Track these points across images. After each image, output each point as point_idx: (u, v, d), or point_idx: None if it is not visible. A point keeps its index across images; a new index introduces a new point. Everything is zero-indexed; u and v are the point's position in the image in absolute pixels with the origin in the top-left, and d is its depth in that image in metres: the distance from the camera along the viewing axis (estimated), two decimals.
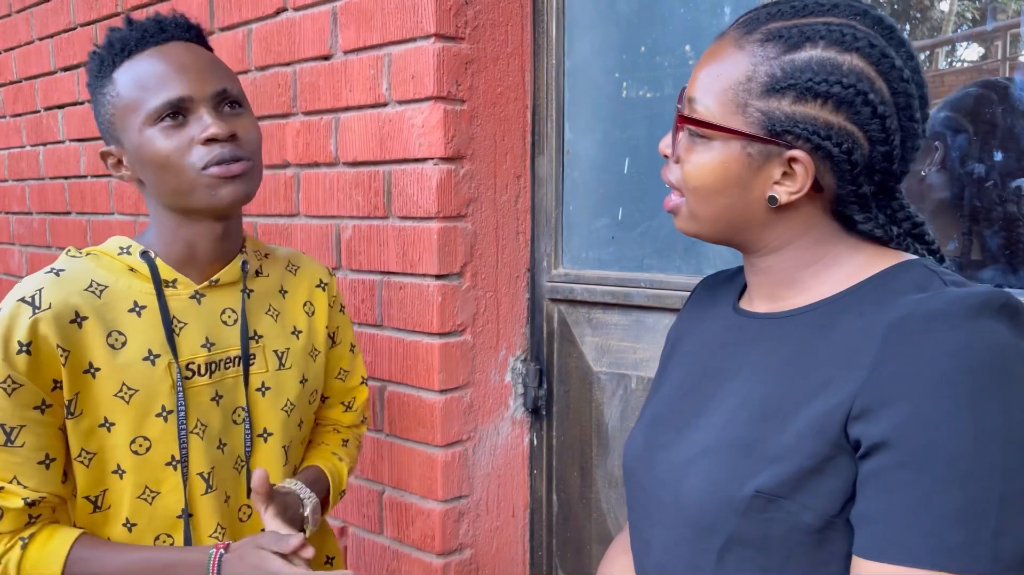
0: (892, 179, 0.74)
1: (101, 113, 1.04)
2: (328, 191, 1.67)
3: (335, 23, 1.60)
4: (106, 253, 1.05)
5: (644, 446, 0.85)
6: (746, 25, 0.75)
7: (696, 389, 0.83)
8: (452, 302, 1.52)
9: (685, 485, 0.76)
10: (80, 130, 2.41)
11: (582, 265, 1.63)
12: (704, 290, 0.97)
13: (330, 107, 1.64)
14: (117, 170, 1.06)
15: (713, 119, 0.74)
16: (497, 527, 1.66)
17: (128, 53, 1.01)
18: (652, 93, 1.56)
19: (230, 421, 1.10)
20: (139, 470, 1.02)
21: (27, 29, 2.61)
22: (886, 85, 0.70)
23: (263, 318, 1.15)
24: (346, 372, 1.31)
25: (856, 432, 0.65)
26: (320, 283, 1.24)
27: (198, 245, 1.07)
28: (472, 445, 1.59)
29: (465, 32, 1.49)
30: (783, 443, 0.69)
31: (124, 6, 2.15)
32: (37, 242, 2.72)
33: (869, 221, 0.75)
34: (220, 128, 0.99)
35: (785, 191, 0.73)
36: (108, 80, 1.02)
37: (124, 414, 1.00)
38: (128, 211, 2.26)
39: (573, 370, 1.63)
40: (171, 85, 0.99)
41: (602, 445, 1.59)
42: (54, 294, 0.97)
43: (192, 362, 1.05)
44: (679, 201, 0.80)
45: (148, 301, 1.04)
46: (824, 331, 0.72)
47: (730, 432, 0.74)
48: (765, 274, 0.80)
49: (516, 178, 1.62)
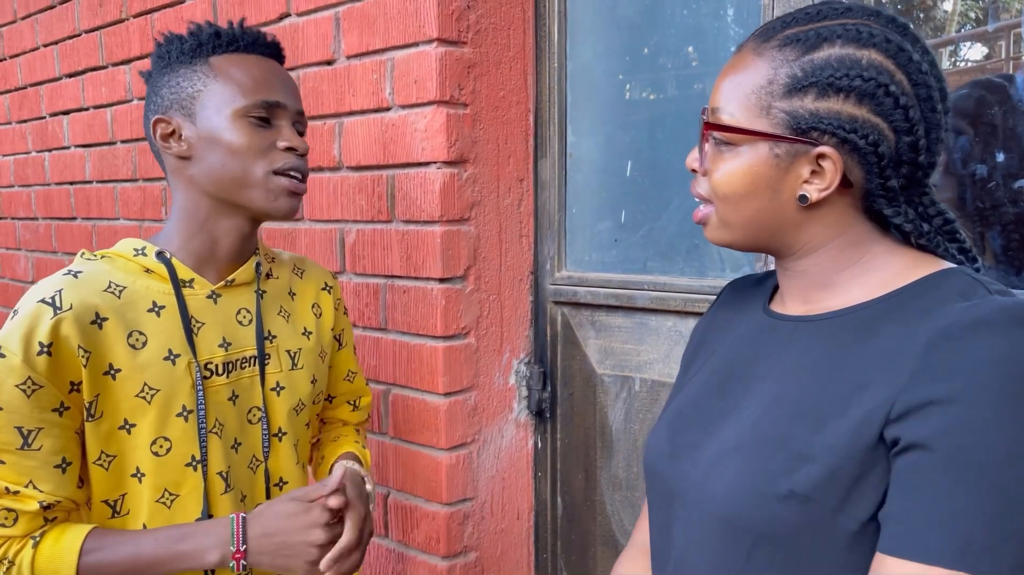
0: (919, 171, 0.74)
1: (180, 85, 1.06)
2: (332, 195, 1.68)
3: (338, 28, 1.61)
4: (120, 255, 1.06)
5: (669, 443, 0.84)
6: (763, 34, 0.76)
7: (724, 388, 0.83)
8: (456, 305, 1.52)
9: (715, 481, 0.75)
10: (86, 136, 2.42)
11: (585, 268, 1.63)
12: (732, 292, 0.96)
13: (333, 112, 1.64)
14: (166, 141, 1.07)
15: (738, 124, 0.75)
16: (502, 530, 1.66)
17: (234, 48, 1.08)
18: (655, 96, 1.56)
19: (245, 420, 1.11)
20: (159, 472, 1.02)
21: (32, 35, 2.62)
22: (906, 77, 0.71)
23: (276, 319, 1.17)
24: (354, 373, 1.35)
25: (894, 432, 0.65)
26: (326, 286, 1.27)
27: (221, 241, 1.09)
28: (476, 448, 1.59)
29: (467, 36, 1.49)
30: (818, 443, 0.68)
31: (129, 12, 2.16)
32: (43, 248, 2.73)
33: (899, 215, 0.75)
34: (301, 144, 1.08)
35: (815, 189, 0.73)
36: (202, 61, 1.06)
37: (145, 415, 1.01)
38: (133, 216, 2.27)
39: (577, 372, 1.64)
40: (272, 89, 1.07)
41: (606, 447, 1.60)
42: (74, 295, 0.97)
43: (210, 362, 1.07)
44: (708, 210, 0.80)
45: (167, 301, 1.05)
46: (863, 335, 0.72)
47: (762, 430, 0.74)
48: (800, 277, 0.80)
49: (519, 181, 1.63)
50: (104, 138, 2.35)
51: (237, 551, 0.99)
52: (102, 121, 2.35)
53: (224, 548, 0.99)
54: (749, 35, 0.78)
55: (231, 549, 0.99)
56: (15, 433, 0.94)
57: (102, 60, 2.31)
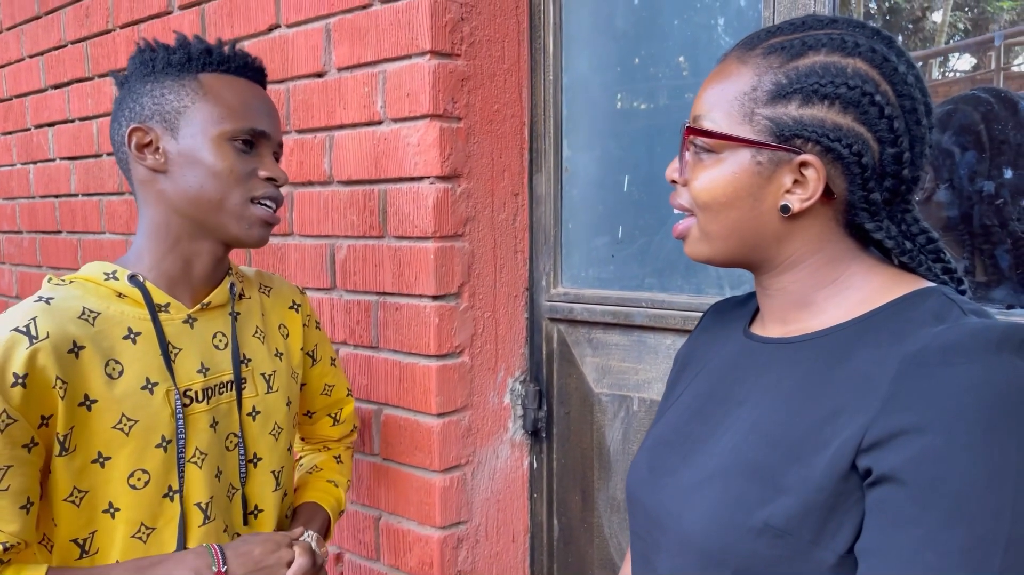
0: (903, 185, 0.73)
1: (165, 97, 1.03)
2: (322, 210, 1.64)
3: (328, 40, 1.58)
4: (90, 279, 1.02)
5: (648, 470, 0.83)
6: (747, 43, 0.76)
7: (703, 413, 0.81)
8: (450, 323, 1.49)
9: (691, 512, 0.73)
10: (71, 148, 2.38)
11: (582, 284, 1.60)
12: (714, 315, 0.95)
13: (324, 125, 1.61)
14: (141, 151, 1.03)
15: (720, 131, 0.73)
16: (497, 553, 1.62)
17: (224, 69, 1.06)
18: (652, 110, 1.53)
19: (223, 448, 1.07)
20: (135, 506, 0.98)
21: (17, 46, 2.58)
22: (891, 88, 0.70)
23: (251, 341, 1.14)
24: (331, 387, 1.33)
25: (866, 462, 0.63)
26: (293, 304, 1.25)
27: (194, 263, 1.06)
28: (471, 469, 1.55)
29: (461, 49, 1.46)
30: (793, 474, 0.67)
31: (115, 23, 2.12)
32: (27, 262, 2.68)
33: (880, 230, 0.73)
34: (282, 175, 1.07)
35: (797, 199, 0.72)
36: (190, 76, 1.04)
37: (122, 447, 0.96)
38: (119, 230, 2.23)
39: (573, 391, 1.60)
40: (260, 118, 1.07)
41: (603, 468, 1.56)
42: (50, 323, 0.92)
43: (189, 388, 1.03)
44: (688, 223, 0.79)
45: (142, 327, 1.01)
46: (837, 359, 0.70)
47: (738, 457, 0.72)
48: (778, 296, 0.78)
49: (514, 196, 1.60)
50: (90, 150, 2.30)
51: (219, 570, 0.97)
52: (88, 133, 2.31)
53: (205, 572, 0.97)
54: (733, 45, 0.78)
55: (213, 569, 0.97)
56: None
57: (88, 71, 2.27)
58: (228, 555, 0.99)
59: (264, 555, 1.01)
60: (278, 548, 1.03)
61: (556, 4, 1.57)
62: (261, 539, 1.04)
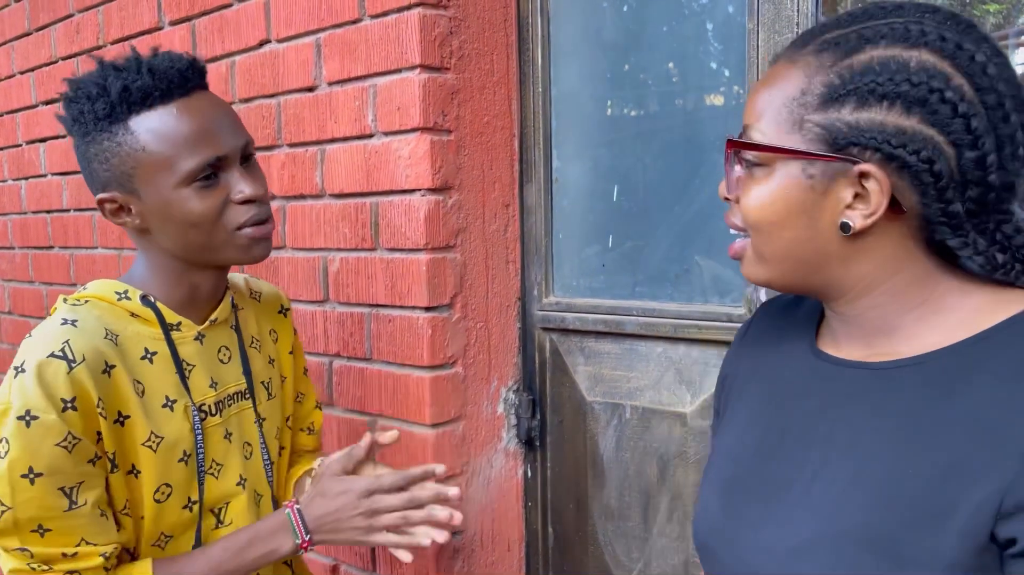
0: (991, 193, 0.62)
1: (110, 162, 0.97)
2: (315, 223, 1.65)
3: (319, 54, 1.59)
4: (103, 298, 1.02)
5: (724, 518, 0.73)
6: (800, 41, 0.67)
7: (779, 449, 0.72)
8: (442, 334, 1.50)
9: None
10: (62, 164, 2.38)
11: (573, 293, 1.61)
12: (765, 319, 0.84)
13: (315, 139, 1.62)
14: (118, 216, 1.01)
15: (767, 142, 0.65)
16: (492, 562, 1.62)
17: (150, 104, 0.95)
18: (640, 119, 1.55)
19: (242, 457, 1.11)
20: (157, 518, 1.01)
21: (8, 63, 2.58)
22: (967, 81, 0.60)
23: (249, 351, 1.16)
24: (303, 395, 1.34)
25: (1009, 531, 0.55)
26: (282, 309, 1.28)
27: (201, 288, 1.08)
28: (465, 479, 1.56)
29: (450, 62, 1.48)
30: (916, 544, 0.58)
31: (106, 39, 2.13)
32: (20, 277, 2.68)
33: (967, 247, 0.63)
34: (256, 189, 1.00)
35: (859, 215, 0.63)
36: (121, 127, 0.95)
37: (149, 462, 0.99)
38: (112, 245, 2.23)
39: (566, 400, 1.61)
40: (207, 145, 0.96)
41: (598, 476, 1.57)
42: (83, 345, 0.93)
43: (204, 403, 1.06)
44: (743, 243, 0.71)
45: (157, 347, 1.02)
46: (946, 394, 0.61)
47: (847, 519, 0.63)
48: (856, 322, 0.69)
49: (505, 207, 1.61)
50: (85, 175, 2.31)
51: (303, 541, 1.05)
52: None
53: (290, 541, 1.05)
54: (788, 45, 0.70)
55: (296, 541, 1.05)
56: (59, 496, 0.90)
57: None
58: (307, 520, 1.06)
59: (343, 507, 1.05)
60: (352, 486, 1.06)
61: (544, 16, 1.58)
62: (333, 492, 1.07)
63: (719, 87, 1.41)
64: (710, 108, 1.43)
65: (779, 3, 1.26)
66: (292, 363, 1.28)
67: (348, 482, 1.07)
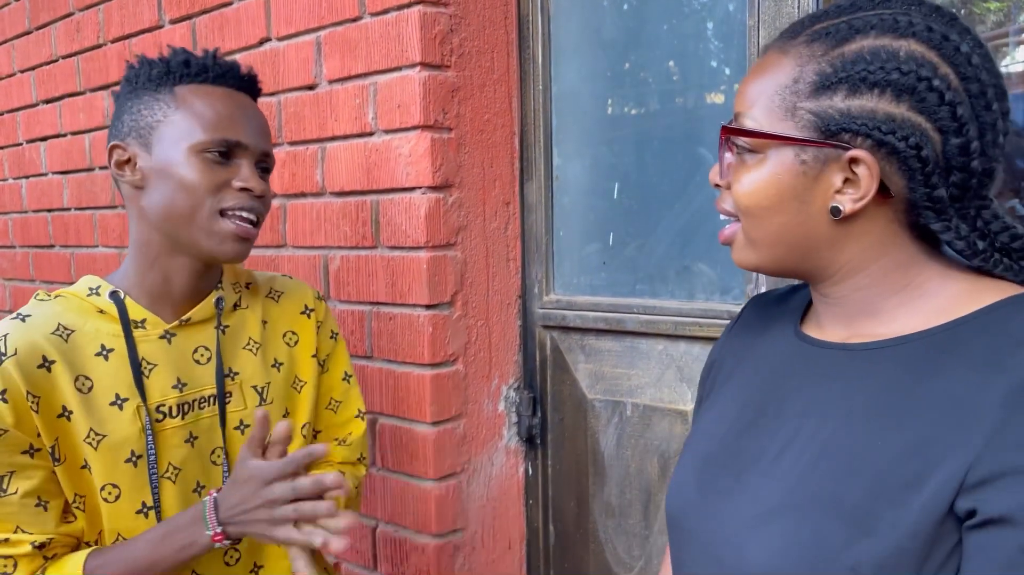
0: (973, 178, 0.64)
1: (141, 113, 1.02)
2: (315, 222, 1.65)
3: (319, 52, 1.59)
4: (75, 294, 1.03)
5: (697, 491, 0.75)
6: (790, 31, 0.70)
7: (755, 425, 0.73)
8: (443, 332, 1.50)
9: (757, 547, 0.65)
10: (63, 162, 2.39)
11: (574, 291, 1.61)
12: (754, 310, 0.87)
13: (316, 137, 1.62)
14: (121, 168, 1.03)
15: (760, 128, 0.68)
16: (493, 560, 1.63)
17: (202, 79, 1.03)
18: (641, 117, 1.55)
19: (208, 462, 1.07)
20: (111, 518, 1.00)
21: (8, 61, 2.59)
22: (952, 70, 0.62)
23: (240, 354, 1.12)
24: (337, 403, 1.25)
25: (968, 503, 0.57)
26: (305, 310, 1.21)
27: (174, 279, 1.05)
28: (466, 477, 1.56)
29: (451, 60, 1.48)
30: (882, 514, 0.60)
31: (106, 37, 2.13)
32: (21, 276, 2.68)
33: (949, 230, 0.65)
34: (258, 185, 1.02)
35: (849, 199, 0.65)
36: (167, 89, 1.02)
37: (94, 460, 0.98)
38: (113, 244, 2.23)
39: (567, 398, 1.61)
40: (234, 127, 1.02)
41: (598, 474, 1.57)
42: (19, 339, 0.95)
43: (163, 404, 1.03)
44: (734, 229, 0.73)
45: (115, 344, 1.01)
46: (921, 376, 0.63)
47: (810, 486, 0.64)
48: (840, 304, 0.71)
49: (505, 205, 1.61)
50: (82, 164, 2.31)
51: (214, 534, 0.95)
52: (80, 147, 2.31)
53: (203, 533, 0.95)
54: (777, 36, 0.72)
55: (208, 532, 0.95)
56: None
57: (79, 86, 2.28)
58: (220, 509, 0.95)
59: (249, 495, 0.94)
60: (259, 474, 0.93)
61: (544, 14, 1.58)
62: (242, 478, 0.95)
63: (720, 85, 1.41)
64: (711, 106, 1.44)
65: (780, 0, 1.26)
66: (315, 367, 1.20)
67: (253, 467, 0.95)
